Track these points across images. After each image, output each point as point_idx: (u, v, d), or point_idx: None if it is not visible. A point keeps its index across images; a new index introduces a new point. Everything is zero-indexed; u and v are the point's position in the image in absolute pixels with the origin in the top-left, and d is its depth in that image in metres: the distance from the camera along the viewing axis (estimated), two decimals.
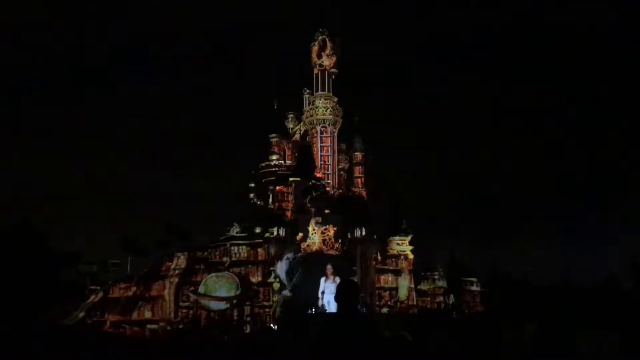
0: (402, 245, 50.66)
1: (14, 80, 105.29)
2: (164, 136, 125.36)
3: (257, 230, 48.02)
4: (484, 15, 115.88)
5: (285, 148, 56.01)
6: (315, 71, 55.51)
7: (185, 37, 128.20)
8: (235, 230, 49.07)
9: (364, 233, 46.73)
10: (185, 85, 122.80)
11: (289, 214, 49.45)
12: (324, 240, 45.74)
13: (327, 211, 47.30)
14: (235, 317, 44.15)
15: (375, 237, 48.87)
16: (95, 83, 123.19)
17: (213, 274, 45.30)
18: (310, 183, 48.69)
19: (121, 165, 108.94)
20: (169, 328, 43.68)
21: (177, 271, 47.82)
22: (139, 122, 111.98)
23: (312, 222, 46.32)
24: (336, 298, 6.31)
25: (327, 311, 38.98)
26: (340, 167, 55.66)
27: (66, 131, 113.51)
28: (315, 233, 46.00)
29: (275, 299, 43.96)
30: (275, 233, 46.07)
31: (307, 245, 45.82)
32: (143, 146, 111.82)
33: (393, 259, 50.13)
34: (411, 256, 50.60)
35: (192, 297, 45.40)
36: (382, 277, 48.84)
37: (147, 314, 46.85)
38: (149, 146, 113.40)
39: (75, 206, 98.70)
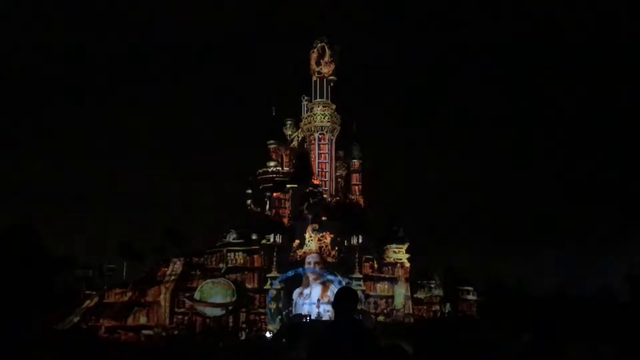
0: (398, 253, 50.58)
1: (14, 80, 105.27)
2: (163, 140, 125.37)
3: (254, 236, 47.95)
4: (486, 23, 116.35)
5: (283, 155, 56.00)
6: (314, 78, 55.65)
7: (186, 42, 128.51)
8: (231, 237, 48.98)
9: (360, 240, 46.64)
10: (185, 90, 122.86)
11: (285, 220, 49.39)
12: (320, 247, 45.68)
13: (324, 218, 47.31)
14: (231, 324, 43.99)
15: (372, 244, 48.82)
16: (95, 85, 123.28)
17: (209, 280, 45.19)
18: (307, 190, 48.72)
19: (119, 169, 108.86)
20: (164, 334, 43.44)
21: (173, 277, 47.63)
22: (137, 126, 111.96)
23: (309, 229, 46.30)
24: (334, 305, 6.28)
25: (322, 319, 38.91)
26: (337, 174, 55.67)
27: (66, 132, 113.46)
28: (312, 240, 45.97)
29: (272, 306, 43.82)
30: (271, 240, 45.94)
31: (304, 252, 45.74)
32: (142, 150, 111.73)
33: (389, 267, 50.03)
34: (408, 264, 50.51)
35: (188, 303, 45.23)
36: (379, 285, 48.68)
37: (142, 320, 46.61)
38: (148, 150, 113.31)
39: (72, 209, 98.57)
